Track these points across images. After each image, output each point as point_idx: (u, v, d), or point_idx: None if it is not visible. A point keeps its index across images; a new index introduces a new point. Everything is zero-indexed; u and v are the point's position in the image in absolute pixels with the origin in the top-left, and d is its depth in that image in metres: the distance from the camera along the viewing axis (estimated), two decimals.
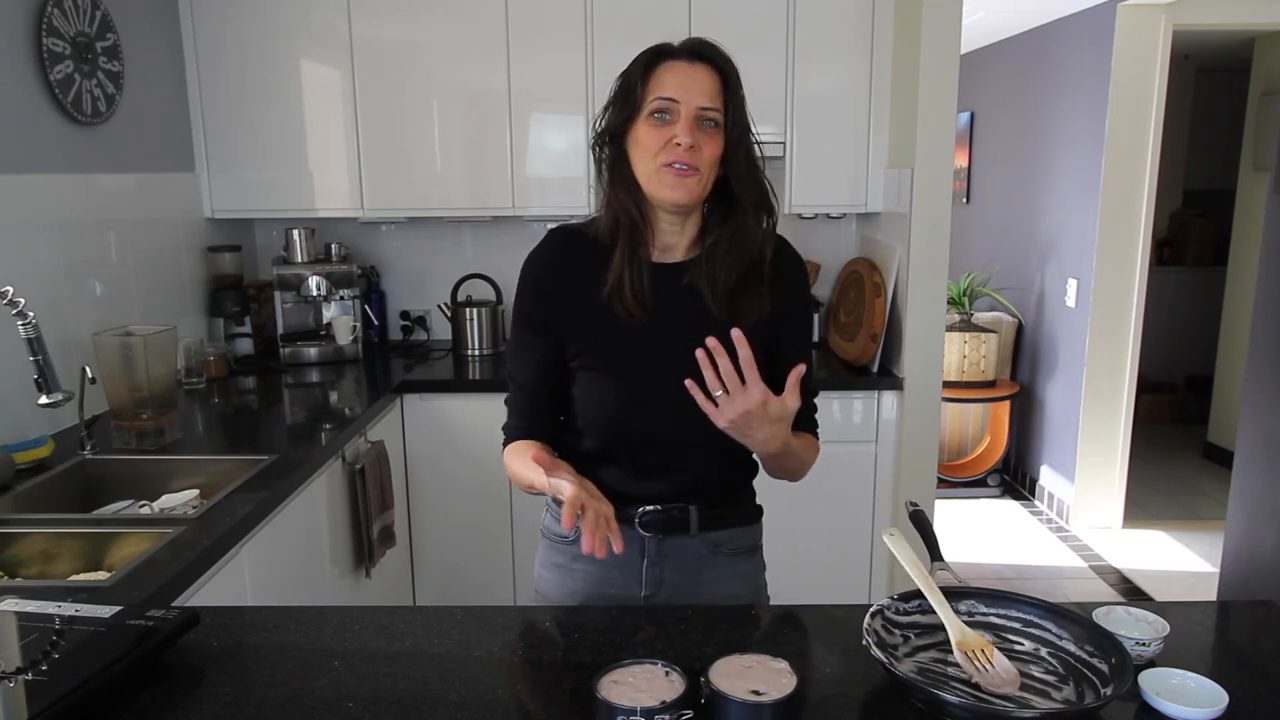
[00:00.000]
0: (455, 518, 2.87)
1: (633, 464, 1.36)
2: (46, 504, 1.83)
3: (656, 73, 1.24)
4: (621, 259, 1.29)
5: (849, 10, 2.84)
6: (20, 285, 1.61)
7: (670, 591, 1.39)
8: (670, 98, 1.22)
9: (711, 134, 1.24)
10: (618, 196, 1.30)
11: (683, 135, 1.22)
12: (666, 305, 1.31)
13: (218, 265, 2.99)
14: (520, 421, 1.39)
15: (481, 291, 3.25)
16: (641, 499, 1.36)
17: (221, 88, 2.89)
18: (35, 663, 1.03)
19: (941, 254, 2.74)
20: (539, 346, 1.36)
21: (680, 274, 1.32)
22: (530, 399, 1.38)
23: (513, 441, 1.39)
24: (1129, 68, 3.77)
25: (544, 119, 2.94)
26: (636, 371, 1.32)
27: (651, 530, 1.36)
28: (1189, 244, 5.78)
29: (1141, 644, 1.11)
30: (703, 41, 1.26)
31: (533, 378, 1.37)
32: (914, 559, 1.19)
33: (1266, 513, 2.28)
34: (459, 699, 1.06)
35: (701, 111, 1.23)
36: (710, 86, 1.23)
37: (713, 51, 1.25)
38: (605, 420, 1.35)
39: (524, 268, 1.40)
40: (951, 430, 4.60)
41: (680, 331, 1.27)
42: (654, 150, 1.24)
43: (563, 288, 1.35)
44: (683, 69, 1.23)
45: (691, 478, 1.37)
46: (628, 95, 1.26)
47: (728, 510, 1.40)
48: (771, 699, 0.95)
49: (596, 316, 1.31)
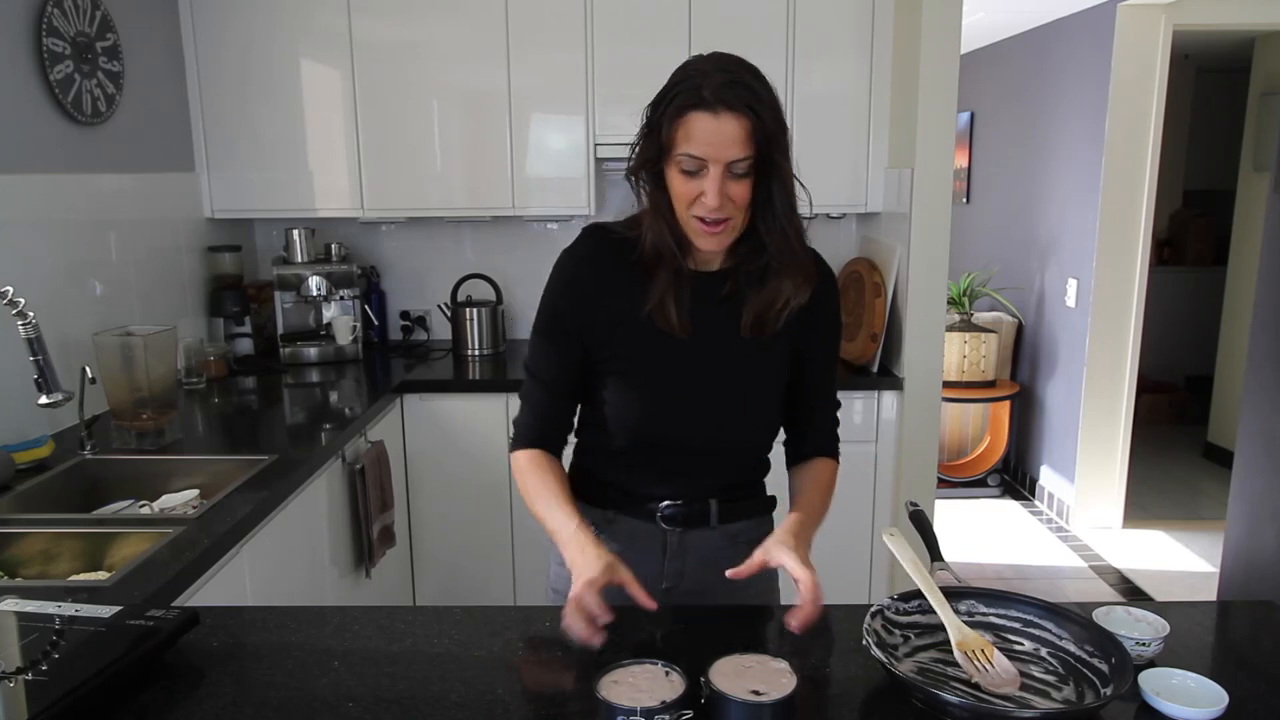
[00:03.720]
0: (455, 518, 2.87)
1: (658, 465, 1.37)
2: (46, 504, 1.83)
3: (683, 124, 1.17)
4: (665, 280, 1.27)
5: (849, 10, 2.84)
6: (20, 285, 1.61)
7: (690, 584, 1.40)
8: (698, 156, 1.17)
9: (743, 179, 1.19)
10: (656, 225, 1.26)
11: (711, 196, 1.17)
12: (704, 315, 1.30)
13: (218, 265, 2.99)
14: (534, 419, 1.38)
15: (481, 291, 3.25)
16: (664, 496, 1.37)
17: (221, 88, 2.89)
18: (35, 663, 1.03)
19: (941, 254, 2.74)
20: (565, 346, 1.34)
21: (720, 282, 1.30)
22: (549, 396, 1.37)
23: (525, 447, 1.37)
24: (1129, 68, 3.77)
25: (544, 119, 2.94)
26: (670, 381, 1.32)
27: (672, 524, 1.38)
28: (1189, 244, 5.78)
29: (1141, 644, 1.11)
30: (732, 84, 1.16)
31: (554, 376, 1.36)
32: (914, 559, 1.19)
33: (1266, 513, 2.28)
34: (459, 699, 1.06)
35: (731, 166, 1.17)
36: (740, 134, 1.15)
37: (742, 94, 1.15)
38: (633, 425, 1.35)
39: (558, 265, 1.36)
40: (951, 430, 4.60)
41: (716, 343, 1.30)
42: (684, 201, 1.21)
43: (598, 291, 1.32)
44: (709, 123, 1.15)
45: (714, 479, 1.38)
46: (655, 136, 1.21)
47: (745, 502, 1.42)
48: (771, 699, 0.95)
49: (632, 324, 1.30)
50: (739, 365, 1.32)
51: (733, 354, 1.31)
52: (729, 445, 1.36)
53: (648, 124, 1.23)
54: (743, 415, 1.35)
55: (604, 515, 1.39)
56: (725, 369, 1.31)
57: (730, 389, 1.32)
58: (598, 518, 1.39)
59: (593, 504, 1.40)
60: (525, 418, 1.39)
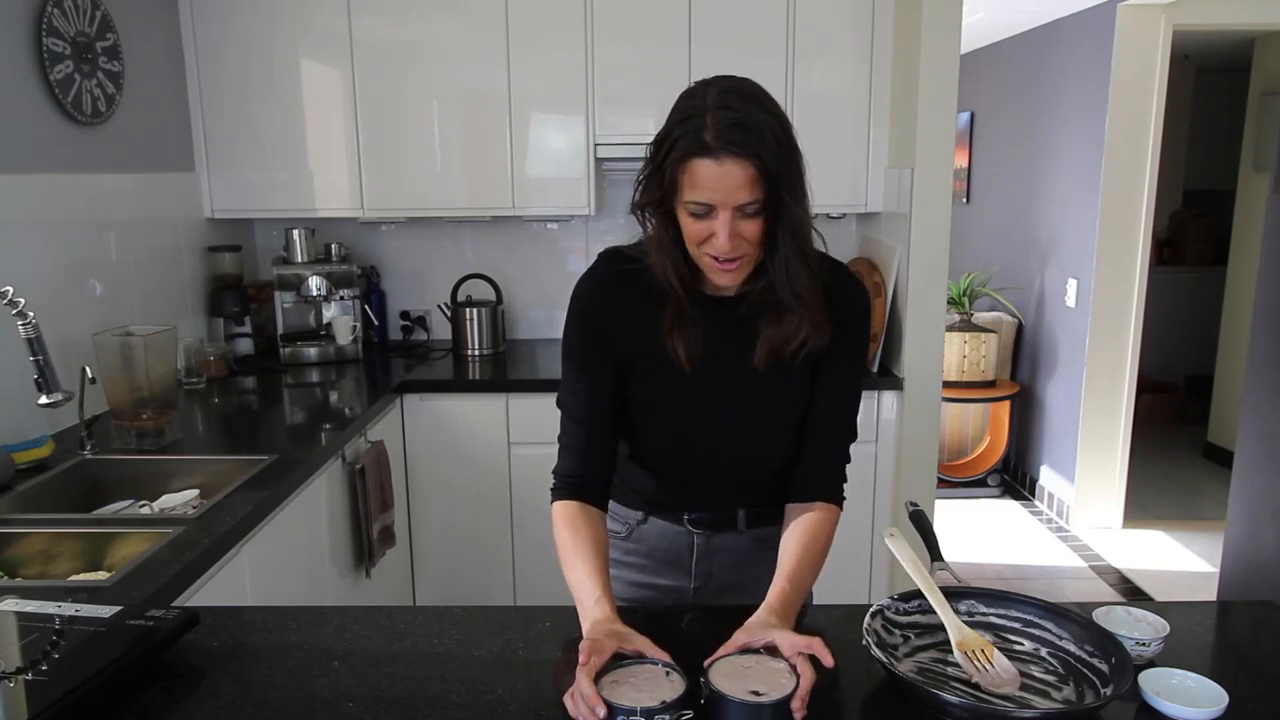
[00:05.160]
0: (455, 518, 2.87)
1: (683, 483, 1.37)
2: (46, 504, 1.83)
3: (688, 170, 1.13)
4: (672, 315, 1.25)
5: (849, 10, 2.84)
6: (20, 285, 1.61)
7: (718, 584, 1.41)
8: (705, 202, 1.14)
9: (755, 217, 1.15)
10: (662, 260, 1.23)
11: (722, 239, 1.14)
12: (721, 341, 1.27)
13: (218, 265, 2.99)
14: (572, 466, 1.31)
15: (481, 291, 3.25)
16: (691, 507, 1.38)
17: (221, 88, 2.88)
18: (35, 663, 1.03)
19: (941, 254, 2.74)
20: (592, 379, 1.30)
21: (735, 307, 1.27)
22: (586, 436, 1.31)
23: (563, 499, 1.30)
24: (1129, 68, 3.77)
25: (544, 119, 2.94)
26: (688, 407, 1.31)
27: (700, 528, 1.39)
28: (1189, 244, 5.78)
29: (1141, 644, 1.11)
30: (735, 125, 1.10)
31: (591, 409, 1.31)
32: (914, 559, 1.19)
33: (1266, 513, 2.28)
34: (459, 699, 1.06)
35: (740, 207, 1.13)
36: (745, 179, 1.11)
37: (746, 139, 1.10)
38: (655, 448, 1.35)
39: (577, 293, 1.32)
40: (951, 430, 4.60)
41: (733, 367, 1.28)
42: (696, 240, 1.18)
43: (618, 317, 1.29)
44: (714, 170, 1.11)
45: (740, 494, 1.39)
46: (660, 178, 1.17)
47: (774, 510, 1.39)
48: (771, 699, 0.95)
49: (649, 351, 1.28)
50: (757, 391, 1.29)
51: (749, 380, 1.28)
52: (752, 467, 1.35)
53: (651, 163, 1.19)
54: (764, 439, 1.32)
55: (635, 516, 1.41)
56: (742, 395, 1.29)
57: (750, 414, 1.31)
58: (629, 519, 1.42)
59: (623, 504, 1.42)
60: (563, 465, 1.32)
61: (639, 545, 1.43)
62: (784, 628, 1.09)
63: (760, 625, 1.09)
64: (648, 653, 1.05)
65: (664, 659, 1.04)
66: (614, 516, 1.43)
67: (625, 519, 1.43)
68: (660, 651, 1.05)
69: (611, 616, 1.12)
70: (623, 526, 1.43)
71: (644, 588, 1.44)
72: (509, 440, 2.80)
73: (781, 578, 1.20)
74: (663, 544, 1.41)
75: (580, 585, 1.19)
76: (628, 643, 1.06)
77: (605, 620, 1.11)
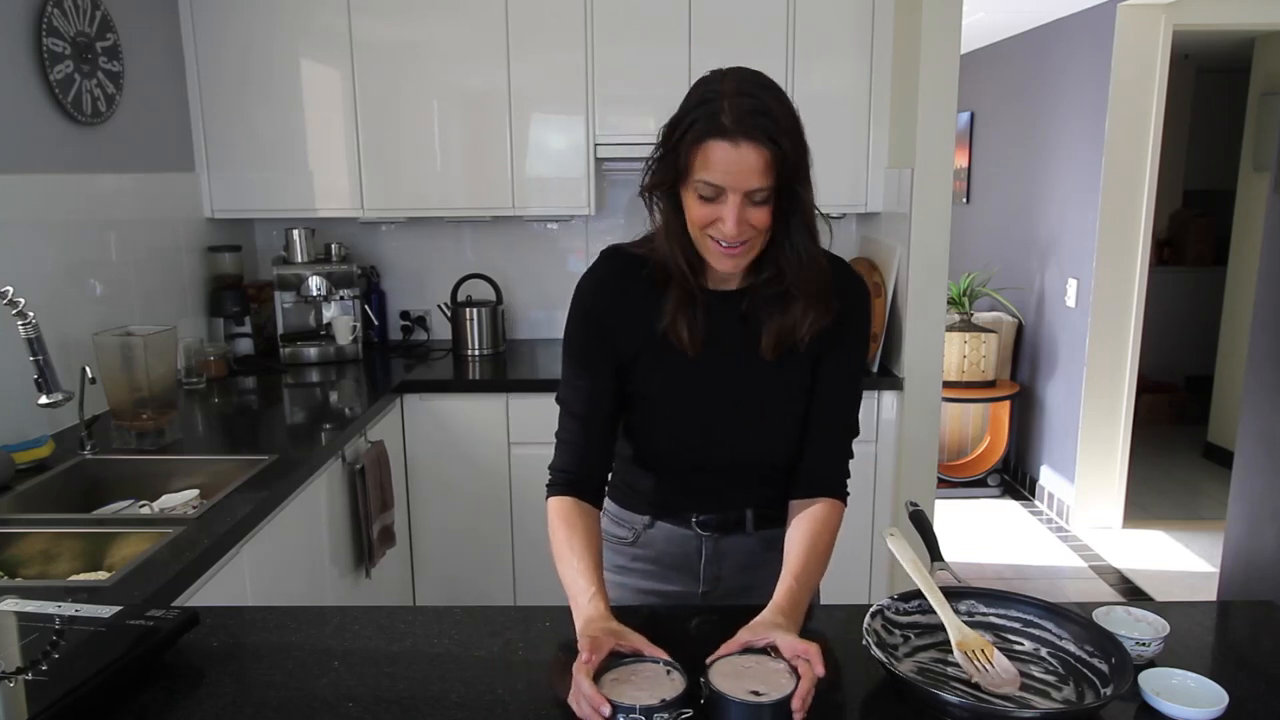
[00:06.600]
0: (455, 518, 2.87)
1: (689, 482, 1.36)
2: (46, 504, 1.83)
3: (702, 151, 1.13)
4: (677, 299, 1.25)
5: (849, 10, 2.84)
6: (20, 285, 1.61)
7: (727, 587, 1.40)
8: (716, 184, 1.13)
9: (763, 205, 1.16)
10: (669, 244, 1.23)
11: (729, 224, 1.14)
12: (723, 335, 1.27)
13: (218, 265, 2.99)
14: (568, 462, 1.31)
15: (481, 291, 3.25)
16: (698, 508, 1.37)
17: (221, 88, 2.88)
18: (35, 663, 1.03)
19: (941, 254, 2.74)
20: (593, 375, 1.30)
21: (737, 301, 1.28)
22: (585, 432, 1.31)
23: (558, 494, 1.30)
24: (1129, 68, 3.77)
25: (544, 119, 2.94)
26: (691, 401, 1.31)
27: (708, 530, 1.38)
28: (1189, 244, 5.78)
29: (1141, 644, 1.11)
30: (754, 111, 1.12)
31: (590, 406, 1.30)
32: (914, 559, 1.19)
33: (1266, 513, 2.28)
34: (459, 699, 1.06)
35: (750, 194, 1.14)
36: (760, 164, 1.12)
37: (764, 124, 1.11)
38: (660, 445, 1.34)
39: (579, 290, 1.33)
40: (951, 430, 4.60)
41: (736, 361, 1.28)
42: (700, 224, 1.18)
43: (621, 313, 1.29)
44: (729, 152, 1.11)
45: (747, 493, 1.37)
46: (672, 159, 1.17)
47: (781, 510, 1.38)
48: (771, 699, 0.95)
49: (652, 346, 1.28)
50: (760, 384, 1.29)
51: (753, 373, 1.28)
52: (757, 462, 1.34)
53: (664, 144, 1.19)
54: (768, 433, 1.32)
55: (641, 521, 1.40)
56: (746, 388, 1.29)
57: (753, 408, 1.30)
58: (635, 523, 1.40)
59: (629, 509, 1.41)
60: (559, 460, 1.33)
61: (646, 550, 1.41)
62: (789, 628, 1.08)
63: (765, 625, 1.09)
64: (645, 650, 1.05)
65: (663, 657, 1.04)
66: (619, 522, 1.42)
67: (631, 524, 1.41)
68: (657, 649, 1.05)
69: (605, 614, 1.12)
70: (629, 532, 1.41)
71: (652, 594, 1.42)
72: (509, 440, 2.80)
73: (788, 575, 1.20)
74: (670, 548, 1.39)
75: (574, 582, 1.19)
76: (625, 640, 1.06)
77: (600, 617, 1.11)
